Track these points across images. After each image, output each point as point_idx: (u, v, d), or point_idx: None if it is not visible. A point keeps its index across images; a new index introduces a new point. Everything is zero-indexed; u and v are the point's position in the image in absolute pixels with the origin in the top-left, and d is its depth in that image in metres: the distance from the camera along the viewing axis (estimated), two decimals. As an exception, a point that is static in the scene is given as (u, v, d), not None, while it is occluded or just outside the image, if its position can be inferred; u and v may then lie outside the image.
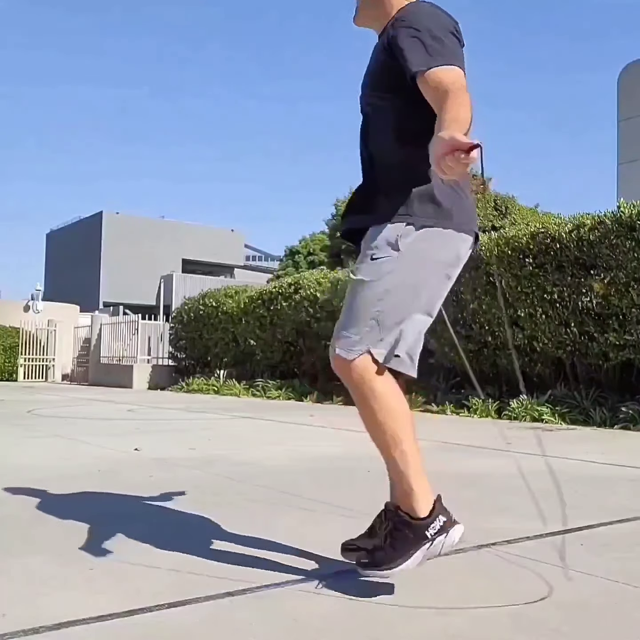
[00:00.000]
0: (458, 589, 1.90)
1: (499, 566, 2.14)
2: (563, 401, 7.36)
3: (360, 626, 1.64)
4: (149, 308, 22.49)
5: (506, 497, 3.23)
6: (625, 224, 6.87)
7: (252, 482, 3.50)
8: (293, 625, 1.64)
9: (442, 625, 1.64)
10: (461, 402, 8.16)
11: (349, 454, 4.64)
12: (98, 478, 3.62)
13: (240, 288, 14.22)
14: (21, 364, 19.63)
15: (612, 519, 2.76)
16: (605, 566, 2.11)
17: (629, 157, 21.27)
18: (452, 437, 5.65)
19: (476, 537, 2.41)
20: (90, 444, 5.11)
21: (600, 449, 5.08)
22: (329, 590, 1.88)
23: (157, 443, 5.26)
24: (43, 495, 3.08)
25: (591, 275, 7.19)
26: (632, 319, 6.88)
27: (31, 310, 20.97)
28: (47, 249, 38.86)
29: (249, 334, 13.00)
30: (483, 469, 4.11)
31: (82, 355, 19.67)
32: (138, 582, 1.93)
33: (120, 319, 18.13)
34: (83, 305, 23.45)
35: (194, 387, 13.54)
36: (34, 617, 1.65)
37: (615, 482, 3.69)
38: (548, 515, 2.86)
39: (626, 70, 22.62)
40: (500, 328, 8.06)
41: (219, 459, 4.38)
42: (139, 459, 4.37)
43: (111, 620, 1.65)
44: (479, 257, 8.10)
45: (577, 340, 7.36)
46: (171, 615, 1.69)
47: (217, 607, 1.75)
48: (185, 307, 15.42)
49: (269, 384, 11.78)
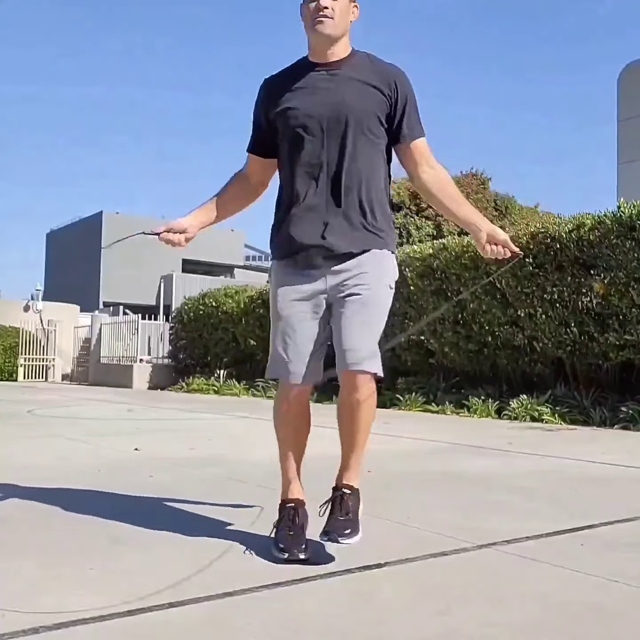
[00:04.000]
0: (458, 589, 1.90)
1: (499, 566, 2.14)
2: (563, 401, 7.36)
3: (360, 626, 1.64)
4: (149, 308, 22.45)
5: (506, 497, 3.23)
6: (625, 224, 6.87)
7: (252, 482, 3.50)
8: (293, 625, 1.64)
9: (442, 625, 1.64)
10: (461, 402, 8.16)
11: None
12: (98, 478, 3.61)
13: (240, 288, 14.22)
14: (21, 364, 19.62)
15: (612, 519, 2.76)
16: (605, 566, 2.11)
17: (629, 157, 21.26)
18: (452, 437, 5.65)
19: (476, 537, 2.41)
20: (90, 444, 5.11)
21: (600, 449, 5.08)
22: (329, 590, 1.88)
23: (157, 443, 5.26)
24: (43, 495, 3.07)
25: (591, 275, 7.19)
26: (632, 319, 6.88)
27: (31, 310, 20.94)
28: (47, 249, 38.82)
29: (249, 334, 13.00)
30: (483, 469, 4.10)
31: (82, 355, 19.66)
32: (138, 582, 1.93)
33: (120, 319, 18.13)
34: (83, 305, 23.42)
35: (194, 387, 13.55)
36: (34, 617, 1.65)
37: (615, 482, 3.69)
38: (548, 515, 2.87)
39: (626, 70, 22.60)
40: (500, 328, 8.07)
41: (219, 459, 4.38)
42: (139, 459, 4.37)
43: (111, 620, 1.65)
44: (478, 257, 8.11)
45: (577, 340, 7.36)
46: (171, 615, 1.69)
47: (217, 607, 1.75)
48: (185, 307, 15.42)
49: (269, 384, 11.77)
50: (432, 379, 9.16)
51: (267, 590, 1.86)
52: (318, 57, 2.23)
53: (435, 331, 8.73)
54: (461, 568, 2.11)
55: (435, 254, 8.74)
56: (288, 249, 2.22)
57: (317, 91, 2.20)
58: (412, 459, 4.52)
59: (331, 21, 2.15)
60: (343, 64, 2.22)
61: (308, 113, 2.18)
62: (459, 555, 2.21)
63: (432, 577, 2.00)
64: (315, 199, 2.18)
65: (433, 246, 9.01)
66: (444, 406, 8.24)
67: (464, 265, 8.32)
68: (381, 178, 2.26)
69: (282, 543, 2.14)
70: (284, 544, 2.13)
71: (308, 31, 2.20)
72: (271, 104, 2.25)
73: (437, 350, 8.86)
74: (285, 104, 2.21)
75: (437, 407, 8.32)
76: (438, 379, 9.10)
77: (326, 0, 2.14)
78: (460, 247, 8.38)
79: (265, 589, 1.87)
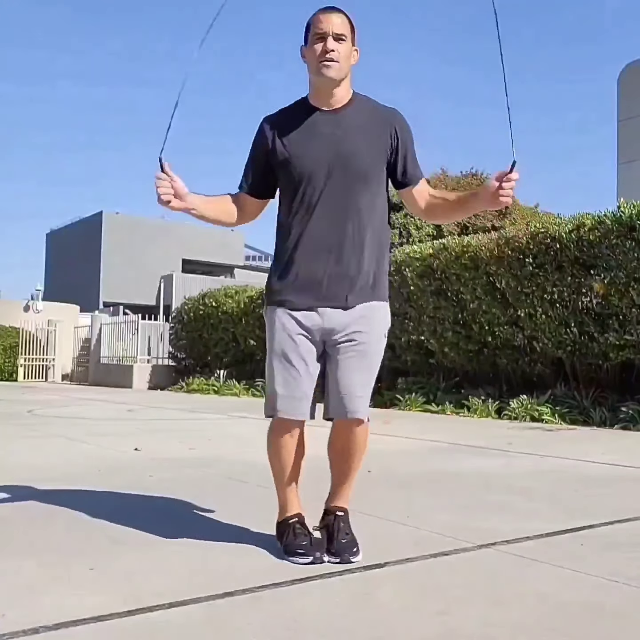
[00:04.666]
0: (458, 588, 1.90)
1: (499, 566, 2.14)
2: (563, 401, 7.36)
3: (360, 626, 1.64)
4: (149, 308, 22.45)
5: (506, 497, 3.23)
6: (625, 224, 6.87)
7: (252, 482, 3.50)
8: (293, 625, 1.64)
9: (442, 625, 1.64)
10: (461, 402, 8.16)
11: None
12: (98, 478, 3.61)
13: (240, 288, 14.22)
14: (21, 364, 19.62)
15: (612, 519, 2.76)
16: (605, 566, 2.11)
17: (628, 157, 21.26)
18: (452, 437, 5.65)
19: (476, 537, 2.42)
20: (90, 444, 5.11)
21: (600, 449, 5.08)
22: (329, 590, 1.88)
23: (157, 443, 5.27)
24: (43, 495, 3.08)
25: (591, 275, 7.19)
26: (632, 319, 6.88)
27: (31, 310, 20.94)
28: (47, 249, 38.82)
29: (249, 334, 13.00)
30: (483, 469, 4.10)
31: (82, 355, 19.65)
32: (138, 582, 1.94)
33: (120, 319, 18.12)
34: (83, 305, 23.41)
35: (194, 387, 13.55)
36: (34, 617, 1.65)
37: (615, 482, 3.69)
38: (548, 515, 2.87)
39: (626, 70, 22.61)
40: (500, 328, 8.07)
41: (219, 459, 4.38)
42: (139, 459, 4.37)
43: (111, 620, 1.65)
44: (478, 257, 8.11)
45: (577, 340, 7.36)
46: (171, 615, 1.69)
47: (216, 607, 1.75)
48: (185, 307, 15.42)
49: (269, 384, 11.77)
50: (432, 379, 9.16)
51: (267, 590, 1.86)
52: (321, 101, 2.22)
53: (435, 331, 8.74)
54: (461, 568, 2.11)
55: (435, 254, 8.73)
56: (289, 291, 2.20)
57: (322, 136, 2.18)
58: (412, 459, 4.52)
59: (337, 64, 2.15)
60: (346, 108, 2.22)
61: (314, 159, 2.16)
62: (459, 555, 2.21)
63: (432, 577, 2.00)
64: (316, 246, 2.17)
65: (433, 246, 9.00)
66: (444, 406, 8.24)
67: (464, 265, 8.31)
68: (384, 226, 2.27)
69: (300, 549, 2.14)
70: (303, 549, 2.14)
71: (313, 74, 2.19)
72: (274, 147, 2.22)
73: (437, 350, 8.85)
74: (291, 149, 2.20)
75: (437, 407, 8.32)
76: (438, 379, 9.10)
77: (333, 44, 2.13)
78: (460, 247, 8.38)
79: (265, 589, 1.87)
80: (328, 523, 2.26)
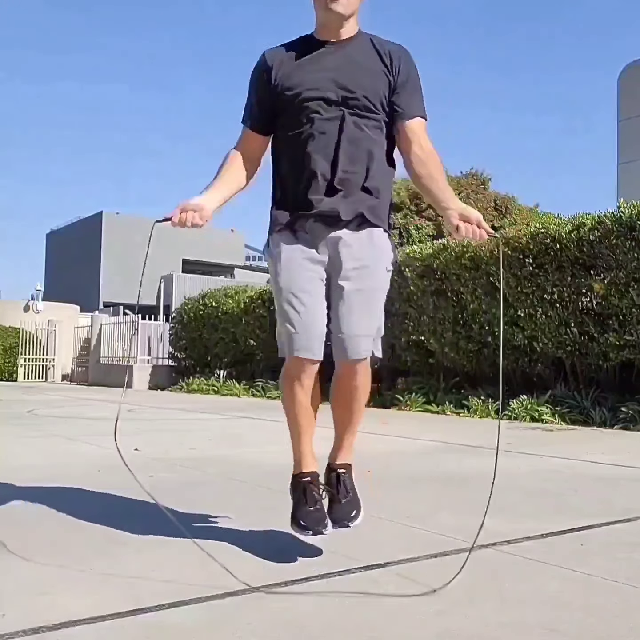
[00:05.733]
0: (458, 588, 1.90)
1: (499, 566, 2.14)
2: (563, 401, 7.35)
3: (360, 626, 1.64)
4: (149, 308, 22.45)
5: (506, 497, 3.23)
6: (625, 224, 6.86)
7: (252, 482, 3.50)
8: (293, 625, 1.64)
9: (442, 625, 1.64)
10: (461, 402, 8.15)
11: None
12: (98, 478, 3.61)
13: (240, 288, 14.22)
14: (21, 364, 19.62)
15: (613, 519, 2.76)
16: (605, 566, 2.11)
17: (628, 157, 21.27)
18: (452, 437, 5.65)
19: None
20: (90, 444, 5.11)
21: (601, 449, 5.08)
22: (329, 590, 1.88)
23: (158, 443, 5.26)
24: (42, 495, 3.08)
25: (591, 275, 7.19)
26: (632, 319, 6.88)
27: (31, 310, 20.95)
28: (47, 249, 38.85)
29: (249, 334, 13.00)
30: (483, 468, 4.10)
31: (82, 356, 19.65)
32: (138, 582, 1.93)
33: (120, 319, 18.12)
34: (83, 305, 23.43)
35: (194, 387, 13.54)
36: (34, 617, 1.65)
37: (616, 482, 3.68)
38: (548, 515, 2.87)
39: (626, 70, 22.62)
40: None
41: (219, 459, 4.38)
42: (139, 459, 4.36)
43: (111, 620, 1.65)
44: (478, 257, 8.11)
45: (577, 340, 7.36)
46: (171, 615, 1.69)
47: (217, 607, 1.75)
48: (185, 307, 15.41)
49: (269, 384, 11.77)
50: (432, 379, 9.16)
51: (267, 590, 1.86)
52: (327, 35, 2.21)
53: (435, 331, 8.73)
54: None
55: (435, 254, 8.73)
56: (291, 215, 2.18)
57: (326, 68, 2.18)
58: (412, 459, 4.52)
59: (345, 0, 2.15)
60: (350, 42, 2.22)
61: (317, 89, 2.16)
62: (459, 555, 2.21)
63: (432, 577, 2.00)
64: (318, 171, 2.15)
65: (433, 246, 9.00)
66: (444, 406, 8.24)
67: (464, 265, 8.31)
68: (383, 158, 2.24)
69: (304, 521, 2.15)
70: (306, 521, 2.15)
71: (319, 9, 2.18)
72: (277, 80, 2.21)
73: (437, 350, 8.85)
74: (294, 81, 2.18)
75: (437, 407, 8.31)
76: (438, 379, 9.09)
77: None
78: (460, 247, 8.38)
79: (265, 589, 1.87)
80: (330, 482, 2.27)
